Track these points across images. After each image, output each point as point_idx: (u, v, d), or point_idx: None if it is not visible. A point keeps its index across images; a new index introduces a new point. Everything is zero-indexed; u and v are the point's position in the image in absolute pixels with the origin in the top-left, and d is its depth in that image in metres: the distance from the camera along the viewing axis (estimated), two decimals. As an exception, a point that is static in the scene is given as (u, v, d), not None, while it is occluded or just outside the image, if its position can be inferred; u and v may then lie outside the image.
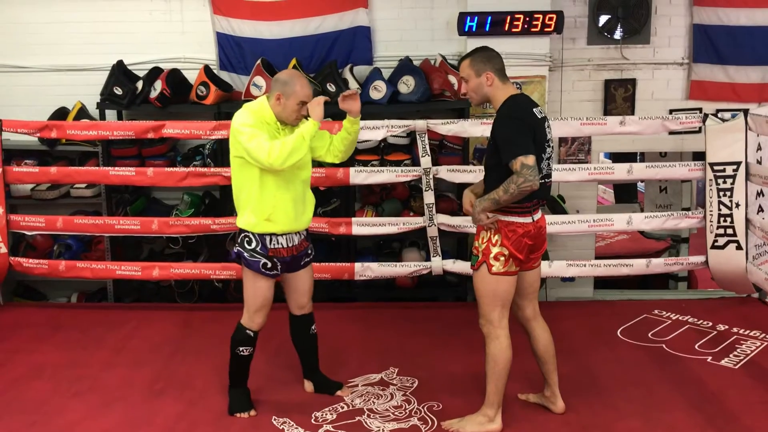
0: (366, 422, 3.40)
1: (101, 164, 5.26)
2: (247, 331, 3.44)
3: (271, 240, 3.38)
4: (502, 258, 3.19)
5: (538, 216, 3.27)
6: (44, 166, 5.18)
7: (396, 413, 3.49)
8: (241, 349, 3.45)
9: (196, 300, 5.33)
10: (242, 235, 3.40)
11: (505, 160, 3.09)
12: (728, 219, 4.83)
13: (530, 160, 3.04)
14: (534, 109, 3.23)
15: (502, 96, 3.25)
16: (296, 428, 3.35)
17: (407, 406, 3.55)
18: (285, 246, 3.42)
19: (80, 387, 3.78)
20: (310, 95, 3.34)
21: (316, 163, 5.08)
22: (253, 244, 3.37)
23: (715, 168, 4.83)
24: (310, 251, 3.62)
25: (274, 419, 3.43)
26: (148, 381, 3.82)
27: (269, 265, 3.38)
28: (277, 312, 4.97)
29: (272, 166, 3.20)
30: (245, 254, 3.37)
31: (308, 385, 3.75)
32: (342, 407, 3.55)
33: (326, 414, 3.48)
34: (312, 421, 3.42)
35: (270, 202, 3.33)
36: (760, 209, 4.86)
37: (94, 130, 4.96)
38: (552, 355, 3.45)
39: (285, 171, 3.28)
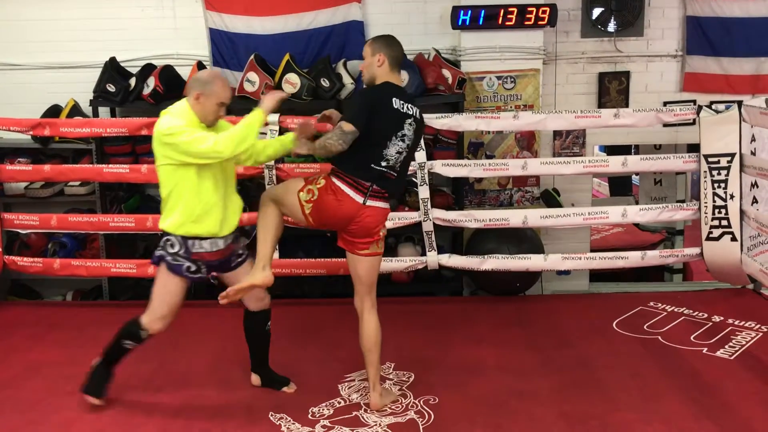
0: (363, 417, 3.40)
1: (95, 162, 5.24)
2: (142, 331, 3.39)
3: (194, 244, 3.34)
4: (309, 195, 3.39)
5: (371, 203, 3.35)
6: (37, 164, 5.17)
7: (393, 407, 3.49)
8: (127, 342, 3.42)
9: (192, 297, 5.30)
10: (165, 238, 3.36)
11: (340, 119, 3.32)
12: (723, 210, 4.84)
13: (348, 127, 3.24)
14: (395, 99, 3.33)
15: (381, 80, 3.41)
16: (293, 424, 3.35)
17: (404, 401, 3.56)
18: (209, 250, 3.38)
19: (76, 385, 3.75)
20: (229, 97, 3.36)
21: (311, 159, 5.09)
22: (176, 248, 3.33)
23: (710, 160, 4.84)
24: (240, 251, 3.59)
25: (271, 415, 3.42)
26: (144, 379, 3.81)
27: (193, 268, 3.35)
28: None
29: (220, 154, 3.18)
30: (168, 257, 3.34)
31: (255, 379, 3.75)
32: (339, 402, 3.55)
33: (323, 409, 3.48)
34: (309, 416, 3.42)
35: (200, 203, 3.30)
36: (755, 201, 4.86)
37: (88, 128, 4.94)
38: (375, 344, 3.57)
39: (216, 173, 3.31)
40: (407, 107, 3.36)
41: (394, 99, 3.32)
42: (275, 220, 3.48)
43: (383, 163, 3.34)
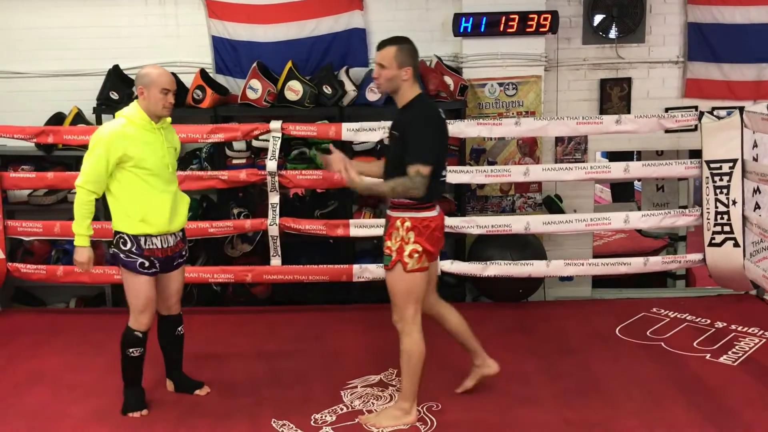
0: (365, 424, 3.40)
1: (98, 169, 5.24)
2: (135, 332, 3.47)
3: (146, 241, 3.42)
4: (416, 255, 3.26)
5: (439, 208, 3.37)
6: (41, 171, 5.18)
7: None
8: (131, 350, 3.48)
9: (194, 304, 5.32)
10: (117, 236, 3.44)
11: (407, 161, 3.16)
12: (725, 216, 4.84)
13: (426, 171, 3.15)
14: (439, 110, 3.34)
15: (411, 94, 3.31)
16: (296, 430, 3.35)
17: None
18: (160, 247, 3.46)
19: (79, 393, 3.78)
20: (169, 82, 3.42)
21: (314, 166, 5.11)
22: (129, 245, 3.41)
23: (712, 166, 4.84)
24: (184, 252, 3.66)
25: (274, 421, 3.42)
26: (147, 386, 3.80)
27: (147, 264, 3.42)
28: (271, 316, 4.99)
29: (77, 180, 3.41)
30: (121, 255, 3.41)
31: (169, 384, 3.79)
32: (341, 409, 3.55)
33: (325, 416, 3.48)
34: (311, 422, 3.41)
35: (145, 203, 3.39)
36: (757, 206, 4.86)
37: (91, 135, 4.95)
38: (466, 326, 3.58)
39: (160, 178, 3.42)
40: (440, 111, 3.37)
41: (439, 110, 3.33)
42: (418, 352, 3.30)
43: (444, 174, 3.39)
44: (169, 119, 3.55)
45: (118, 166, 3.37)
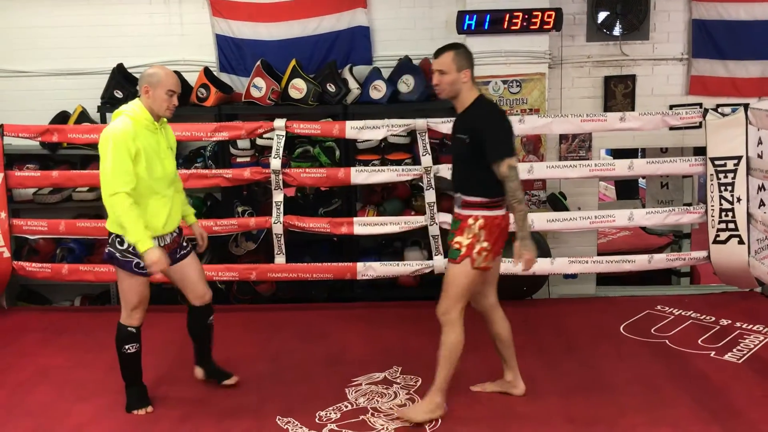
0: (370, 421, 3.41)
1: (103, 167, 5.25)
2: (128, 328, 3.48)
3: None
4: (485, 253, 3.30)
5: (505, 208, 3.38)
6: (46, 170, 5.20)
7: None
8: (126, 347, 3.48)
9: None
10: (113, 236, 3.41)
11: (492, 159, 3.21)
12: (730, 214, 4.83)
13: (515, 161, 3.22)
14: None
15: (472, 95, 3.37)
16: (300, 428, 3.36)
17: (411, 405, 3.55)
18: (157, 245, 3.42)
19: (85, 390, 3.79)
20: (175, 84, 3.42)
21: (318, 164, 5.12)
22: (125, 245, 3.37)
23: (716, 163, 4.83)
24: (184, 243, 3.66)
25: (279, 419, 3.43)
26: (152, 384, 3.81)
27: (142, 264, 3.39)
28: (275, 314, 5.00)
29: (105, 194, 3.29)
30: (117, 255, 3.39)
31: (199, 372, 3.81)
32: (346, 406, 3.56)
33: (330, 413, 3.48)
34: (316, 420, 3.42)
35: (146, 209, 3.36)
36: (762, 204, 4.85)
37: (95, 134, 4.93)
38: (511, 339, 3.58)
39: (161, 181, 3.40)
40: None
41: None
42: (460, 348, 3.36)
43: None
44: (165, 119, 3.52)
45: None
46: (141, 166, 3.32)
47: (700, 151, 5.08)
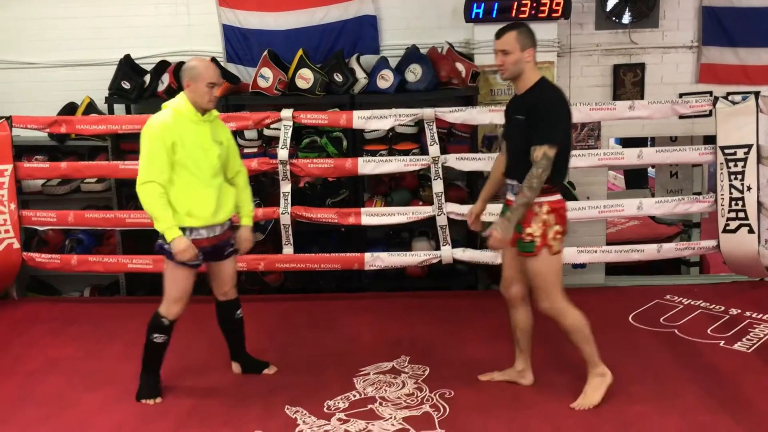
0: (378, 410, 3.41)
1: (111, 158, 5.27)
2: (163, 319, 3.51)
3: (191, 232, 3.43)
4: (559, 236, 3.30)
5: None
6: (54, 161, 5.21)
7: (408, 401, 3.49)
8: (155, 336, 3.52)
9: (208, 292, 5.33)
10: None
11: (535, 141, 3.14)
12: (740, 202, 4.80)
13: (552, 152, 3.13)
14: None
15: (535, 76, 3.29)
16: (309, 417, 3.37)
17: (419, 394, 3.56)
18: (206, 236, 3.49)
19: (94, 380, 3.81)
20: (215, 76, 3.42)
21: (325, 154, 5.11)
22: None
23: (726, 151, 4.80)
24: (233, 242, 3.68)
25: (287, 408, 3.44)
26: (162, 373, 3.84)
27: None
28: (283, 304, 5.00)
29: (140, 190, 3.35)
30: (166, 246, 3.42)
31: (235, 367, 3.85)
32: (354, 395, 3.56)
33: (338, 402, 3.49)
34: (324, 409, 3.43)
35: (190, 197, 3.41)
36: (772, 192, 4.82)
37: (103, 125, 4.98)
38: (531, 330, 3.61)
39: (205, 171, 3.41)
40: None
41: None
42: (584, 322, 3.39)
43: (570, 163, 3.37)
44: (216, 113, 3.56)
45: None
46: (181, 156, 3.36)
47: (710, 139, 5.05)
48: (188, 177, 3.40)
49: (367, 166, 4.90)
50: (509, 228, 3.20)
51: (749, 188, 4.76)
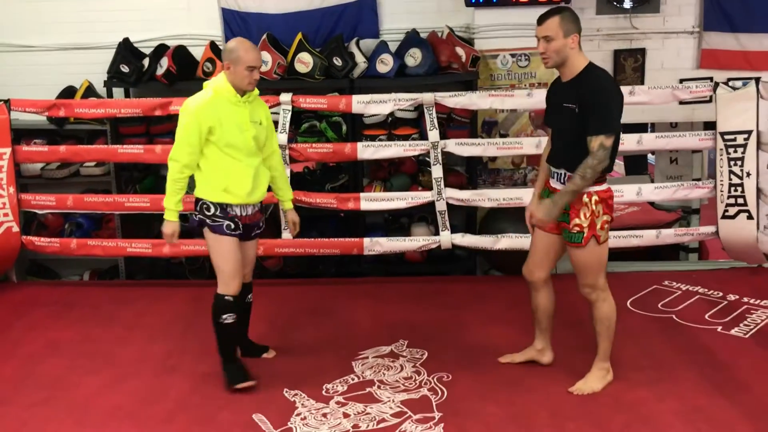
0: (376, 393, 3.43)
1: (110, 142, 5.26)
2: (226, 297, 3.48)
3: (226, 207, 3.48)
4: (606, 226, 3.29)
5: None
6: (53, 145, 5.20)
7: (406, 384, 3.51)
8: (224, 317, 3.47)
9: (207, 276, 5.35)
10: (200, 203, 3.48)
11: (591, 131, 3.08)
12: (739, 189, 4.80)
13: (609, 142, 3.09)
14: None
15: (582, 62, 3.21)
16: (308, 400, 3.39)
17: (417, 377, 3.58)
18: (240, 214, 3.52)
19: (94, 363, 3.83)
20: (254, 59, 3.41)
21: (325, 139, 5.10)
22: (212, 210, 3.45)
23: (726, 137, 4.79)
24: (261, 224, 3.71)
25: (286, 391, 3.46)
26: (161, 357, 3.86)
27: (233, 225, 3.47)
28: (282, 288, 5.01)
29: (171, 164, 3.45)
30: (207, 220, 3.45)
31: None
32: (353, 379, 3.58)
33: (337, 386, 3.51)
34: (323, 392, 3.45)
35: (228, 175, 3.44)
36: (772, 178, 4.82)
37: (102, 108, 4.97)
38: (552, 311, 3.62)
39: (242, 151, 3.44)
40: None
41: None
42: (615, 316, 3.42)
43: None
44: (256, 92, 3.57)
45: (206, 139, 3.40)
46: (219, 136, 3.38)
47: (710, 125, 5.03)
48: (225, 156, 3.42)
49: (367, 150, 4.89)
50: (553, 211, 3.20)
51: (749, 174, 4.76)
